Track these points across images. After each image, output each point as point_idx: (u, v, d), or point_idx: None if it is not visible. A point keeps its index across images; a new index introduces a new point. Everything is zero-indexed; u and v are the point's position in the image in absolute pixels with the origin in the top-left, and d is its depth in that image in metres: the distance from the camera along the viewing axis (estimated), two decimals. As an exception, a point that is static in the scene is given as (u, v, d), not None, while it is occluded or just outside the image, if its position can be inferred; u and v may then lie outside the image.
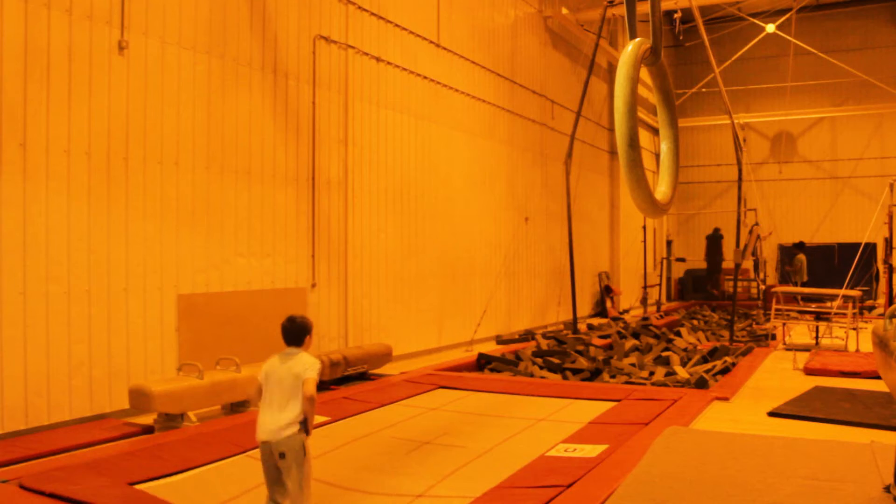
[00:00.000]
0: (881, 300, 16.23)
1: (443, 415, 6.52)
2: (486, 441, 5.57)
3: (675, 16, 17.56)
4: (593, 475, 4.29)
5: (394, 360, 8.91)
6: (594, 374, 8.76)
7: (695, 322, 15.24)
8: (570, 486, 4.09)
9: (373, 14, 9.59)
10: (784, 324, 11.17)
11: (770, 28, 19.50)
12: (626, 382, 8.17)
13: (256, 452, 5.18)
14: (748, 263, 17.99)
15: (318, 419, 6.05)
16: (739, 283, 18.72)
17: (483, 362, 9.54)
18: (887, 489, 3.77)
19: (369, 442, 5.65)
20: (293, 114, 8.30)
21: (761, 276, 18.53)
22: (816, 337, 10.41)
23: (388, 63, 9.87)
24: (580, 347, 10.18)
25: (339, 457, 5.27)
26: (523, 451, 5.14)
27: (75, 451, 5.11)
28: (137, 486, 4.41)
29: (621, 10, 14.04)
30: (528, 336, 12.09)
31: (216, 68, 7.31)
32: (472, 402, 7.01)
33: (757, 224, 17.56)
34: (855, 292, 10.61)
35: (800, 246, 19.39)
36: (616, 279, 18.29)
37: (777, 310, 11.01)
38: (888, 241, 12.94)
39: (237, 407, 6.48)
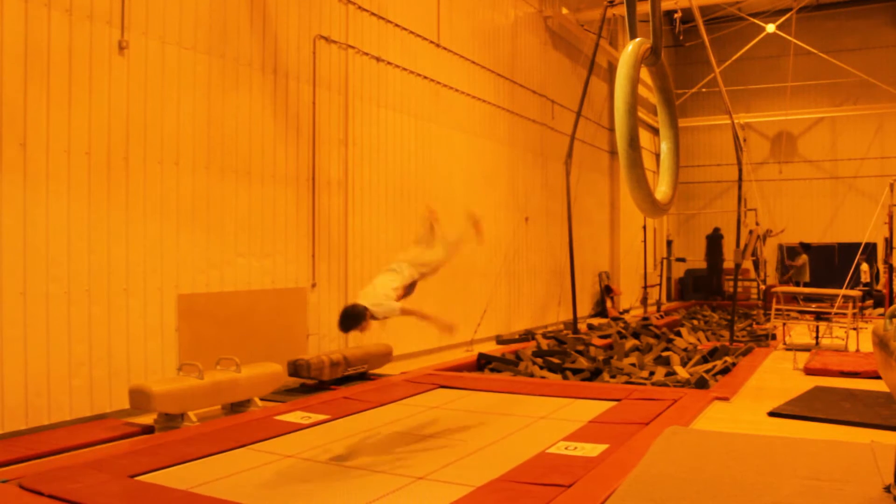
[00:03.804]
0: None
1: (443, 413, 6.53)
2: (487, 437, 5.58)
3: (676, 16, 17.57)
4: (593, 475, 4.29)
5: (394, 360, 8.91)
6: (594, 374, 8.76)
7: (695, 322, 15.23)
8: (570, 486, 4.10)
9: (373, 14, 9.59)
10: (784, 324, 11.17)
11: (770, 28, 19.51)
12: (627, 382, 8.17)
13: (258, 445, 5.26)
14: (748, 263, 17.98)
15: (318, 417, 6.08)
16: (741, 284, 18.74)
17: (483, 362, 9.54)
18: (887, 489, 3.77)
19: (371, 435, 5.67)
20: (293, 114, 8.30)
21: (761, 276, 18.53)
22: (816, 337, 10.41)
23: (389, 63, 9.88)
24: (580, 347, 10.18)
25: (340, 447, 5.29)
26: (524, 447, 5.15)
27: (75, 450, 5.11)
28: (138, 478, 4.44)
29: (621, 10, 14.05)
30: (528, 336, 12.09)
31: (216, 68, 7.31)
32: (472, 402, 7.01)
33: (758, 224, 17.55)
34: (855, 292, 10.61)
35: (805, 247, 19.38)
36: (616, 279, 18.29)
37: (777, 310, 11.01)
38: (888, 241, 12.95)
39: (237, 407, 6.48)
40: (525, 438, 5.56)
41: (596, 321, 14.56)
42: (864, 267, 18.42)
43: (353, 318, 5.06)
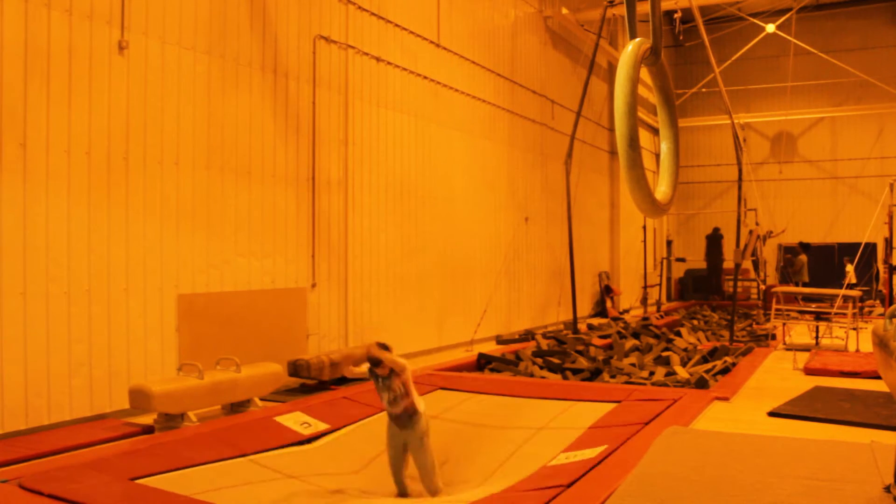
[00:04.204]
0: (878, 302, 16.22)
1: (442, 425, 6.29)
2: (487, 450, 5.54)
3: (675, 16, 17.55)
4: (593, 475, 4.29)
5: (394, 360, 8.90)
6: (594, 374, 8.76)
7: (695, 322, 15.24)
8: (570, 486, 4.09)
9: (373, 14, 9.59)
10: (784, 324, 11.17)
11: (770, 28, 19.51)
12: (627, 382, 8.17)
13: (258, 457, 5.22)
14: (747, 263, 17.98)
15: (318, 423, 6.05)
16: (741, 285, 18.72)
17: (483, 362, 9.54)
18: (887, 489, 3.77)
19: (370, 437, 5.64)
20: (293, 114, 8.30)
21: (761, 276, 18.54)
22: (816, 337, 10.40)
23: (388, 63, 9.87)
24: (580, 347, 10.18)
25: (339, 451, 5.27)
26: (524, 460, 5.13)
27: (75, 451, 5.11)
28: (139, 482, 4.43)
29: (621, 10, 14.03)
30: (528, 336, 12.09)
31: (216, 68, 7.31)
32: (471, 407, 6.92)
33: (758, 224, 17.55)
34: (855, 292, 10.61)
35: (805, 247, 19.36)
36: (616, 279, 18.29)
37: (777, 310, 11.01)
38: (888, 241, 12.94)
39: (237, 407, 6.48)
40: (525, 451, 5.50)
41: (596, 321, 14.56)
42: (849, 268, 18.41)
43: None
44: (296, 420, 6.02)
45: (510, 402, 7.14)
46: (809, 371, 8.05)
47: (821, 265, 20.25)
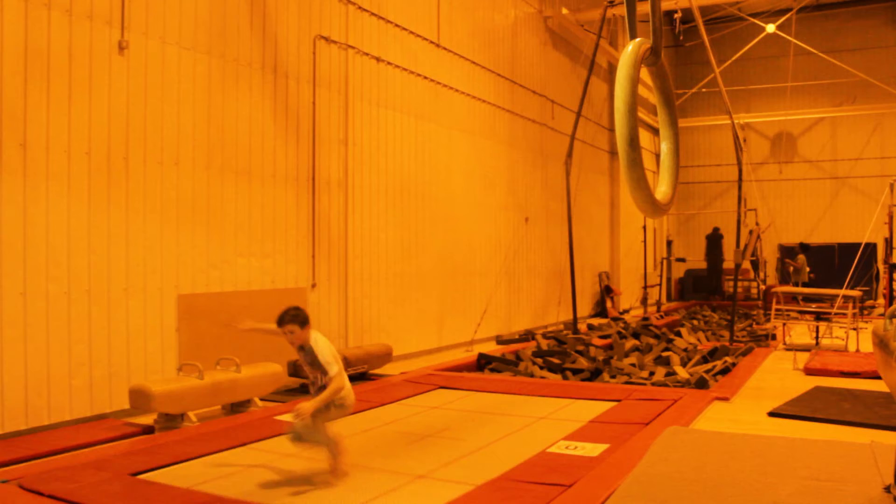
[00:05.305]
0: (881, 300, 16.22)
1: (443, 412, 6.53)
2: (487, 436, 5.59)
3: (675, 16, 17.55)
4: (593, 475, 4.29)
5: (394, 360, 8.92)
6: (594, 374, 8.76)
7: (695, 322, 15.23)
8: (570, 485, 4.10)
9: (373, 14, 9.59)
10: (784, 324, 11.17)
11: (770, 28, 19.52)
12: (627, 382, 8.17)
13: (258, 444, 5.26)
14: (746, 264, 17.98)
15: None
16: (740, 285, 18.72)
17: (483, 362, 9.54)
18: (887, 489, 3.77)
19: (370, 435, 5.68)
20: (293, 114, 8.30)
21: (761, 276, 18.53)
22: (816, 337, 10.41)
23: (388, 63, 9.88)
24: (580, 347, 10.17)
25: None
26: (524, 446, 5.17)
27: (75, 451, 5.12)
28: (139, 477, 4.45)
29: (621, 10, 14.05)
30: (528, 336, 12.09)
31: (216, 68, 7.31)
32: (472, 402, 7.01)
33: (758, 224, 17.55)
34: (855, 292, 10.61)
35: (805, 247, 19.38)
36: (616, 279, 18.29)
37: (777, 310, 11.01)
38: (888, 241, 12.94)
39: (237, 407, 6.48)
40: (525, 438, 5.56)
41: (596, 321, 14.56)
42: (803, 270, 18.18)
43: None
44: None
45: (511, 398, 7.18)
46: (809, 371, 8.06)
47: (821, 266, 20.24)
